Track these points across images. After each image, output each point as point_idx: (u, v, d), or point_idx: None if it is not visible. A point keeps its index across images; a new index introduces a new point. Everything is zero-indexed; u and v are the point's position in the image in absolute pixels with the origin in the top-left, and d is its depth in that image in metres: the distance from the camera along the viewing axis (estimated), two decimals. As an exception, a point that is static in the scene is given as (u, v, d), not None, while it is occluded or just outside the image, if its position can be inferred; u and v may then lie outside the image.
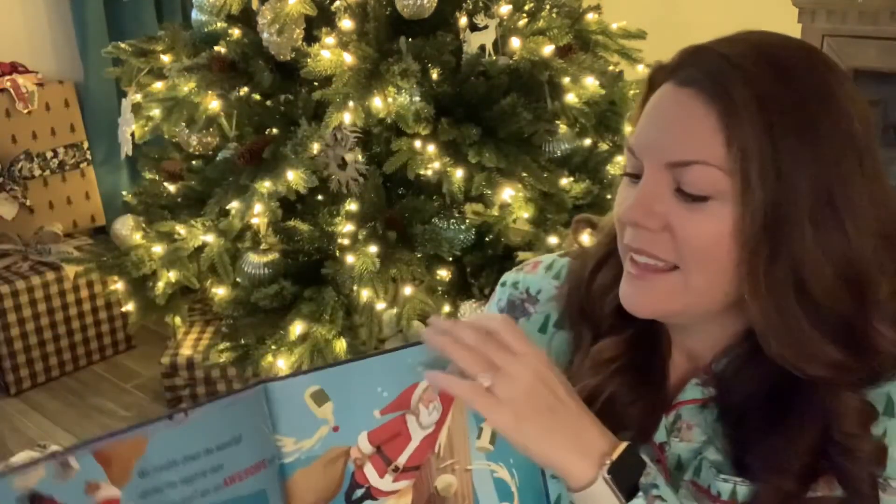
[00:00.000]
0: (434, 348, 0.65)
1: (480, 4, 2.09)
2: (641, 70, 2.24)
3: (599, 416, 0.72)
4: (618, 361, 0.75)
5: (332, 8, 2.10)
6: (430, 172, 1.99)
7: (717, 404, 0.73)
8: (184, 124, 2.19)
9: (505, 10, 2.06)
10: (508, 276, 0.89)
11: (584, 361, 0.77)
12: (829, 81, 0.65)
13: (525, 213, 2.01)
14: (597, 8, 2.27)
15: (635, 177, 0.70)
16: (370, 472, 0.66)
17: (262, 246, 2.13)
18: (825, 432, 0.67)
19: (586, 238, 0.86)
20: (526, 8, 2.15)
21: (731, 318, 0.71)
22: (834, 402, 0.66)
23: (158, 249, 2.20)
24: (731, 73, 0.64)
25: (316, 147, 1.98)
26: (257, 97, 2.19)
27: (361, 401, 0.65)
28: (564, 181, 2.07)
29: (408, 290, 2.07)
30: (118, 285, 2.36)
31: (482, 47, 2.00)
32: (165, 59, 2.32)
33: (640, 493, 0.63)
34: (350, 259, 1.94)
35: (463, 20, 2.06)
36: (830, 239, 0.63)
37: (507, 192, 1.97)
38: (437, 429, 0.67)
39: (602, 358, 0.76)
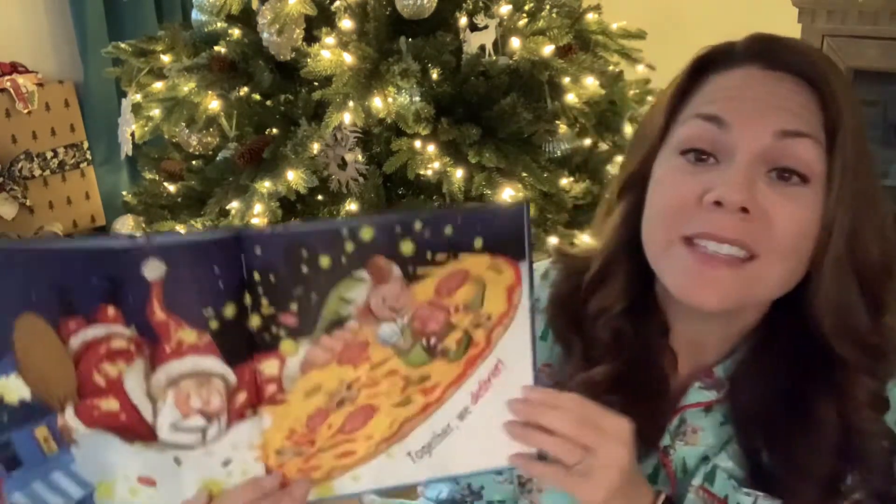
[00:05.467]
0: (525, 443, 0.63)
1: (480, 4, 2.09)
2: (641, 70, 2.24)
3: None
4: (611, 384, 0.73)
5: (332, 8, 2.10)
6: (430, 172, 1.99)
7: (727, 408, 0.72)
8: (184, 124, 2.19)
9: (505, 10, 2.06)
10: None
11: (576, 380, 0.74)
12: None
13: (525, 213, 2.01)
14: (597, 8, 2.27)
15: (703, 156, 0.67)
16: None
17: (262, 246, 2.12)
18: (844, 423, 0.67)
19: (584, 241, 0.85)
20: (526, 8, 2.15)
21: (753, 310, 0.71)
22: (850, 384, 0.67)
23: (158, 249, 2.19)
24: (826, 65, 0.66)
25: (316, 147, 1.97)
26: (257, 97, 2.19)
27: None
28: (564, 181, 2.07)
29: (408, 290, 2.07)
30: (118, 285, 2.35)
31: (482, 47, 2.00)
32: (165, 59, 2.31)
33: None
34: (350, 259, 1.94)
35: (463, 20, 2.06)
36: (876, 217, 0.67)
37: (507, 192, 1.97)
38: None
39: (594, 381, 0.73)
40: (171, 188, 2.36)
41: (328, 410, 0.61)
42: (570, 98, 2.05)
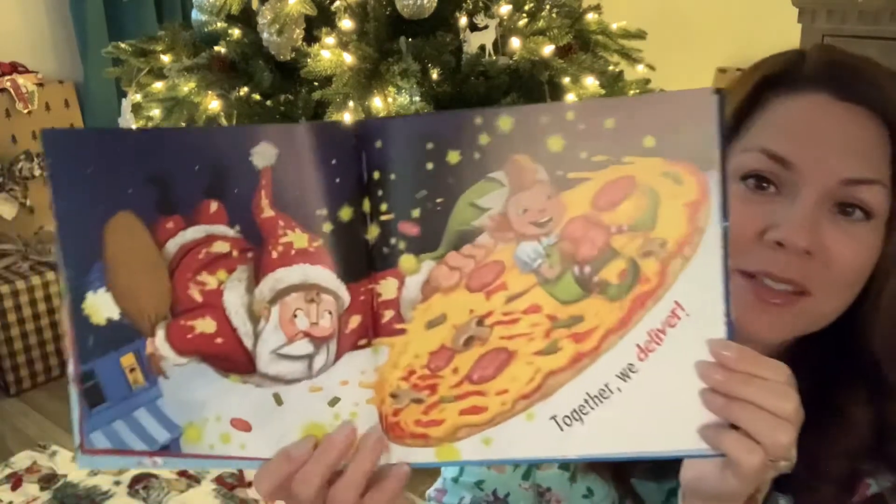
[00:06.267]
0: (730, 419, 0.49)
1: (480, 4, 2.09)
2: (641, 70, 2.24)
3: None
4: None
5: (332, 8, 2.10)
6: (430, 172, 1.99)
7: None
8: (184, 124, 2.19)
9: (505, 10, 2.06)
10: None
11: None
12: None
13: (525, 213, 2.01)
14: (597, 8, 2.27)
15: (764, 184, 0.64)
16: None
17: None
18: (882, 427, 0.66)
19: None
20: (526, 8, 2.15)
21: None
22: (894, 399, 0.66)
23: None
24: None
25: (316, 147, 1.98)
26: (257, 97, 2.19)
27: None
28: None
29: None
30: (118, 285, 2.36)
31: (482, 47, 2.00)
32: (165, 59, 2.32)
33: None
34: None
35: (463, 20, 2.06)
36: None
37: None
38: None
39: None
40: (171, 188, 2.36)
41: (454, 350, 0.49)
42: (570, 98, 2.05)
